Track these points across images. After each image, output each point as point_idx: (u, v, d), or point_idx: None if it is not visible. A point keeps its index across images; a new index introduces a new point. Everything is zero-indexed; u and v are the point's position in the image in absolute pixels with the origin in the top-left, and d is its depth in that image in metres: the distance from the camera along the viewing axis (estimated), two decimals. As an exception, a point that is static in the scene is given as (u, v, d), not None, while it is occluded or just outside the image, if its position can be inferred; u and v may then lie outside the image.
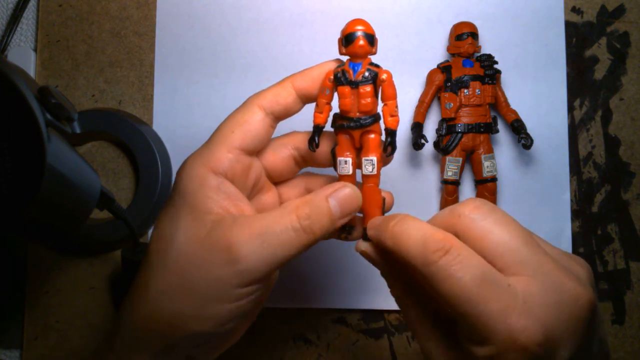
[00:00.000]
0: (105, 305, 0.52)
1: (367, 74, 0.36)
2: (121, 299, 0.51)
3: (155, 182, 0.50)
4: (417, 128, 0.50)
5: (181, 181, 0.37)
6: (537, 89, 0.52)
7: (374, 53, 0.37)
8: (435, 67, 0.51)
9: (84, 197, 0.39)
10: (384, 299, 0.51)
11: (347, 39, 0.36)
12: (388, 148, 0.37)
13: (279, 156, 0.40)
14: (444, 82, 0.50)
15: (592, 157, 0.52)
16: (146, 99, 0.53)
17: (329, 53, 0.53)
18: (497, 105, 0.51)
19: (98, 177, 0.41)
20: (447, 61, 0.51)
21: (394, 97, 0.37)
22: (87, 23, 0.53)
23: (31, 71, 0.53)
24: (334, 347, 0.52)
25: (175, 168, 0.52)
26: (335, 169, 0.38)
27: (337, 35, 0.53)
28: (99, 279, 0.52)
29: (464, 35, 0.50)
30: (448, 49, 0.51)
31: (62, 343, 0.52)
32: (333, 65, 0.38)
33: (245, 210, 0.37)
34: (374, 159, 0.37)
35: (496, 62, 0.50)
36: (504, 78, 0.52)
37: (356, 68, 0.37)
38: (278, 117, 0.38)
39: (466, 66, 0.50)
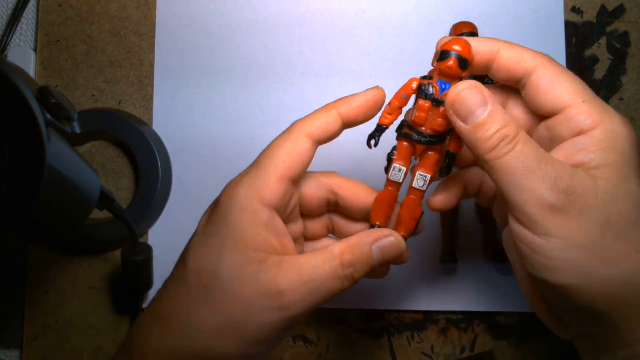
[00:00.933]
0: (105, 305, 0.52)
1: None
2: (121, 299, 0.52)
3: (155, 182, 0.50)
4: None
5: (230, 211, 0.36)
6: (537, 89, 0.52)
7: (465, 77, 0.36)
8: (435, 67, 0.51)
9: (84, 197, 0.39)
10: (384, 299, 0.51)
11: (441, 55, 0.36)
12: (444, 169, 0.37)
13: (317, 195, 0.40)
14: (444, 82, 0.50)
15: (592, 157, 0.52)
16: (146, 99, 0.53)
17: (329, 53, 0.53)
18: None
19: (98, 177, 0.41)
20: (447, 61, 0.51)
21: None
22: (87, 23, 0.53)
23: (31, 71, 0.53)
24: (334, 347, 0.52)
25: (175, 168, 0.52)
26: (387, 173, 0.38)
27: (337, 35, 0.54)
28: (99, 279, 0.52)
29: (464, 36, 0.50)
30: (448, 49, 0.51)
31: (62, 343, 0.52)
32: (380, 93, 0.38)
33: (288, 247, 0.37)
34: (428, 176, 0.37)
35: (496, 62, 0.50)
36: (504, 78, 0.52)
37: (444, 87, 0.36)
38: (322, 143, 0.38)
39: (466, 66, 0.50)
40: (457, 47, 0.35)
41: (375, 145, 0.38)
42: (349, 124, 0.38)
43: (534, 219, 0.33)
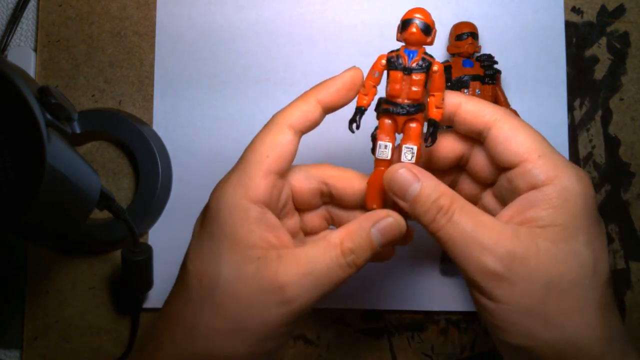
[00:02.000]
0: (105, 305, 0.52)
1: (421, 62, 0.36)
2: (121, 299, 0.52)
3: (155, 182, 0.50)
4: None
5: (220, 212, 0.36)
6: (537, 89, 0.52)
7: (429, 43, 0.37)
8: (435, 67, 0.51)
9: (84, 197, 0.39)
10: (384, 299, 0.51)
11: (403, 25, 0.36)
12: (429, 138, 0.37)
13: (307, 186, 0.39)
14: (444, 82, 0.50)
15: (592, 157, 0.52)
16: (146, 99, 0.53)
17: (329, 53, 0.53)
18: (497, 105, 0.51)
19: (98, 177, 0.41)
20: (447, 61, 0.51)
21: (443, 89, 0.37)
22: (87, 23, 0.53)
23: (31, 71, 0.53)
24: (334, 347, 0.52)
25: (175, 168, 0.52)
26: (374, 153, 0.38)
27: (337, 35, 0.54)
28: (99, 279, 0.52)
29: (464, 35, 0.50)
30: (448, 49, 0.51)
31: (62, 343, 0.52)
32: (356, 73, 0.38)
33: (285, 240, 0.37)
34: (415, 147, 0.37)
35: (496, 62, 0.50)
36: (504, 78, 0.52)
37: (412, 55, 0.36)
38: (304, 132, 0.38)
39: (466, 66, 0.50)
40: (417, 15, 0.36)
41: (357, 127, 0.37)
42: (329, 110, 0.38)
43: (479, 285, 0.34)
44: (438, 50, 0.52)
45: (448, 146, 0.39)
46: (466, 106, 0.37)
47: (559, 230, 0.34)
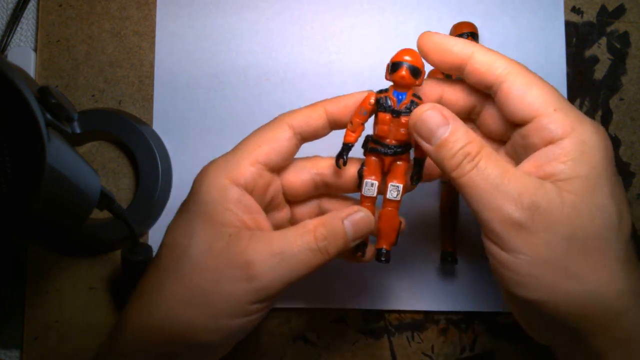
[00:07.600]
0: (105, 305, 0.52)
1: (410, 105, 0.37)
2: (121, 299, 0.52)
3: (155, 182, 0.50)
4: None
5: (200, 189, 0.37)
6: (537, 89, 0.52)
7: (419, 85, 0.37)
8: (435, 67, 0.51)
9: (84, 197, 0.39)
10: (384, 299, 0.51)
11: (392, 67, 0.37)
12: (415, 177, 0.38)
13: (300, 178, 0.40)
14: (444, 82, 0.50)
15: (592, 157, 0.52)
16: (146, 99, 0.53)
17: (329, 53, 0.53)
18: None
19: (98, 177, 0.41)
20: (447, 61, 0.51)
21: None
22: (87, 23, 0.53)
23: (31, 71, 0.53)
24: (334, 347, 0.52)
25: (175, 168, 0.52)
26: (360, 189, 0.39)
27: (337, 35, 0.54)
28: (99, 279, 0.52)
29: (464, 35, 0.50)
30: (448, 49, 0.51)
31: (62, 343, 0.52)
32: (367, 97, 0.38)
33: (263, 224, 0.37)
34: (400, 186, 0.38)
35: (496, 62, 0.50)
36: (504, 78, 0.52)
37: (400, 97, 0.37)
38: (305, 138, 0.39)
39: (466, 66, 0.50)
40: (407, 57, 0.36)
41: (344, 164, 0.39)
42: (335, 123, 0.39)
43: (499, 235, 0.33)
44: (438, 50, 0.52)
45: (456, 98, 0.38)
46: (478, 57, 0.36)
47: (582, 182, 0.33)
